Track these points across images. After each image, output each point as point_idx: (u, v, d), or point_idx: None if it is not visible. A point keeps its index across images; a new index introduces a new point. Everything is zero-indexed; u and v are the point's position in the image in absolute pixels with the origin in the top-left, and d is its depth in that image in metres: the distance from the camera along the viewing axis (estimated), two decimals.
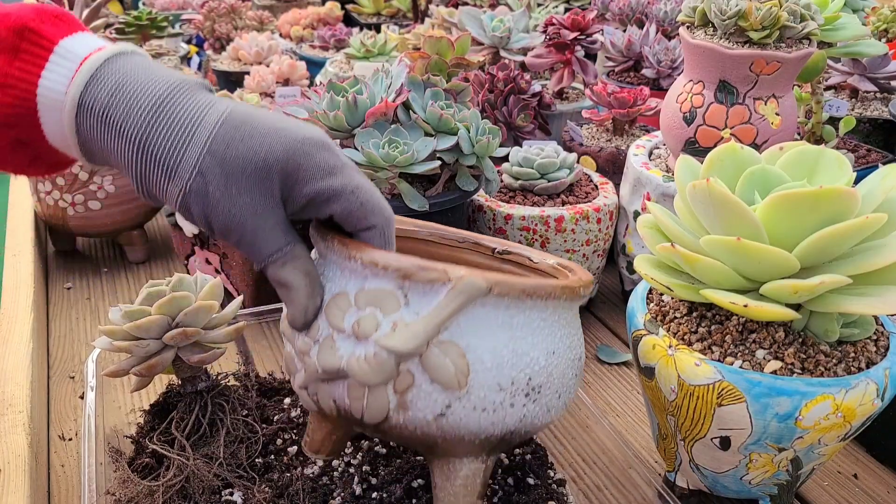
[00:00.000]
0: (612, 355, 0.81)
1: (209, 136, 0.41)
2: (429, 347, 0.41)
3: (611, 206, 0.81)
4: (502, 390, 0.42)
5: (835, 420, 0.49)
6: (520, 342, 0.42)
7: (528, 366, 0.43)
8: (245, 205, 0.41)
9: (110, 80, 0.41)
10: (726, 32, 0.71)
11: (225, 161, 0.41)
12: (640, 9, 1.32)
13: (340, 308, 0.42)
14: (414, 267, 0.41)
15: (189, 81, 0.43)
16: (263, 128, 0.42)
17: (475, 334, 0.41)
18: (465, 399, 0.41)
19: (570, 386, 0.46)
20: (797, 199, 0.47)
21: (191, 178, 0.41)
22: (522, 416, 0.43)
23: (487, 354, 0.41)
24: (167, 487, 0.52)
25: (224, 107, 0.42)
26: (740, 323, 0.52)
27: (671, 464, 0.59)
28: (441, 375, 0.41)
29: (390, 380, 0.41)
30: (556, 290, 0.43)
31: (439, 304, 0.40)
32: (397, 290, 0.41)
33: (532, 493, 0.55)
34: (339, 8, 1.74)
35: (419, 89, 0.74)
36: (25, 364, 0.69)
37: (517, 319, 0.42)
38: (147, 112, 0.41)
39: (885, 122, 1.01)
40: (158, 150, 0.41)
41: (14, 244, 0.92)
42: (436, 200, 0.72)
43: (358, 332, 0.41)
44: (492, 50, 1.08)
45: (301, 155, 0.42)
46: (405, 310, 0.41)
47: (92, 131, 0.42)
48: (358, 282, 0.42)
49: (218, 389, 0.58)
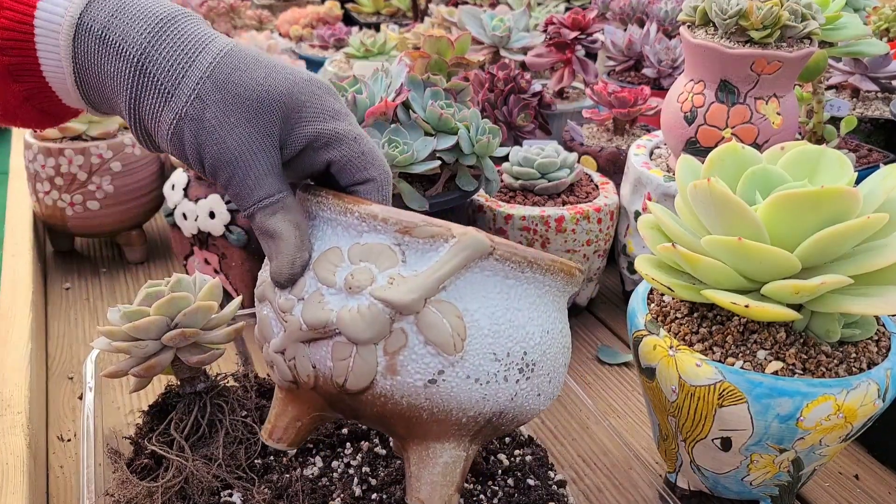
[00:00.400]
0: (612, 356, 0.81)
1: (212, 61, 0.39)
2: (426, 305, 0.39)
3: (611, 206, 0.81)
4: (497, 360, 0.40)
5: (836, 421, 0.48)
6: (517, 314, 0.41)
7: (524, 339, 0.41)
8: (241, 137, 0.40)
9: (112, 1, 0.40)
10: (727, 32, 0.70)
11: (226, 87, 0.39)
12: (640, 8, 1.32)
13: (332, 262, 0.40)
14: (416, 220, 0.39)
15: (193, 13, 0.41)
16: (269, 63, 0.41)
17: (474, 298, 0.40)
18: (458, 366, 0.39)
19: (560, 373, 0.45)
20: (798, 199, 0.47)
21: (188, 102, 0.39)
22: (514, 393, 0.41)
23: (485, 320, 0.40)
24: (166, 488, 0.51)
25: (227, 40, 0.41)
26: (741, 323, 0.52)
27: (672, 465, 0.58)
28: (437, 335, 0.39)
29: (383, 336, 0.39)
30: (554, 265, 0.42)
31: (441, 260, 0.39)
32: (395, 245, 0.40)
33: (532, 494, 0.55)
34: (338, 7, 1.74)
35: (419, 89, 0.74)
36: (24, 365, 0.69)
37: (515, 291, 0.41)
38: (149, 32, 0.39)
39: (886, 122, 1.01)
40: (157, 70, 0.39)
41: (12, 244, 0.92)
42: (436, 200, 0.71)
43: (352, 283, 0.39)
44: (492, 49, 1.07)
45: (306, 94, 0.40)
46: (402, 267, 0.39)
47: (89, 54, 0.40)
48: (352, 237, 0.40)
49: (217, 390, 0.58)
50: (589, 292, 0.86)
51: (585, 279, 0.83)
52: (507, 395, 0.41)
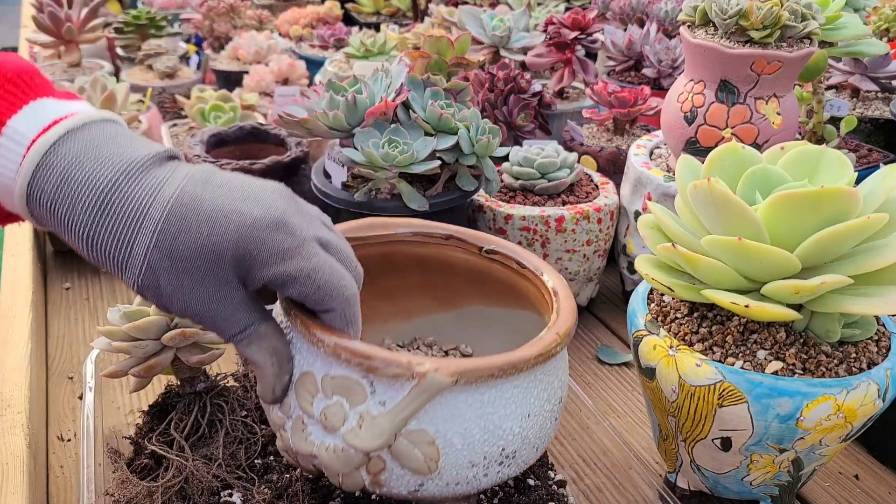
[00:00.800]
0: (612, 356, 0.81)
1: (154, 231, 0.39)
2: (397, 438, 0.41)
3: (611, 206, 0.81)
4: (474, 466, 0.42)
5: (836, 421, 0.48)
6: (491, 417, 0.42)
7: (501, 438, 0.42)
8: (199, 296, 0.40)
9: (57, 169, 0.39)
10: (727, 32, 0.70)
11: (173, 254, 0.39)
12: (640, 8, 1.32)
13: (309, 391, 0.42)
14: (377, 362, 0.40)
15: (140, 160, 0.40)
16: (212, 212, 0.40)
17: (445, 419, 0.41)
18: (437, 478, 0.42)
19: (548, 433, 0.46)
20: (798, 199, 0.47)
21: (140, 273, 0.40)
22: (498, 478, 0.44)
23: (458, 438, 0.41)
24: (166, 488, 0.51)
25: (171, 190, 0.40)
26: (741, 323, 0.52)
27: (672, 465, 0.58)
28: (410, 463, 0.41)
29: (362, 465, 0.41)
30: (528, 363, 0.42)
31: (404, 400, 0.40)
32: (363, 379, 0.41)
33: (532, 494, 0.55)
34: (338, 7, 1.74)
35: (419, 89, 0.74)
36: (24, 364, 0.68)
37: (488, 395, 0.42)
38: (91, 208, 0.39)
39: (886, 122, 1.01)
40: (105, 247, 0.40)
41: (12, 244, 0.92)
42: (436, 200, 0.71)
43: (325, 424, 0.41)
44: (492, 49, 1.07)
45: (251, 241, 0.40)
46: (371, 400, 0.41)
47: (42, 219, 0.41)
48: (324, 365, 0.42)
49: (217, 390, 0.58)
50: (589, 292, 0.86)
51: (586, 279, 0.83)
52: (490, 482, 0.44)
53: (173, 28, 1.65)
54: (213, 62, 1.42)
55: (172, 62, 1.34)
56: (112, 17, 1.72)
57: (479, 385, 0.41)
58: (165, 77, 1.34)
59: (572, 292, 0.83)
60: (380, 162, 0.68)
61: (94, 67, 1.32)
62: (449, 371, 0.39)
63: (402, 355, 0.40)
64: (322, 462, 0.42)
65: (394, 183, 0.71)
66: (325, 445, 0.41)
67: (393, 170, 0.69)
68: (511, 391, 0.42)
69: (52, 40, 1.30)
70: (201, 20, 1.55)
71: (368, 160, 0.68)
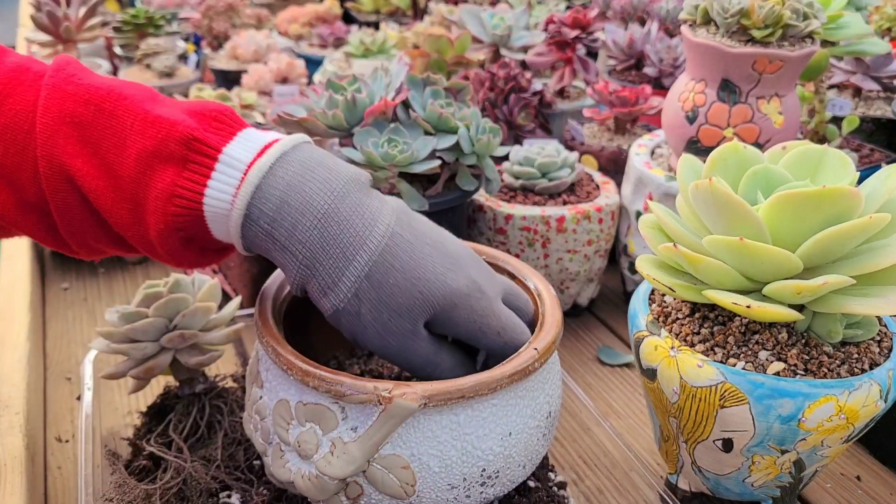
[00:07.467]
0: (613, 357, 0.80)
1: (369, 261, 0.42)
2: (370, 465, 0.41)
3: (612, 206, 0.81)
4: (454, 488, 0.42)
5: (838, 422, 0.48)
6: (469, 438, 0.41)
7: (480, 458, 0.42)
8: (394, 330, 0.43)
9: (275, 194, 0.42)
10: (729, 31, 0.70)
11: (381, 288, 0.42)
12: (641, 7, 1.31)
13: (284, 418, 0.43)
14: (345, 387, 0.40)
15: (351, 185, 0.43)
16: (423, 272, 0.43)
17: (418, 443, 0.41)
18: (416, 502, 0.42)
19: (536, 450, 0.45)
20: (800, 198, 0.46)
21: (346, 298, 0.42)
22: (482, 499, 0.44)
23: (434, 460, 0.41)
24: (164, 490, 0.51)
25: (384, 227, 0.43)
26: (743, 324, 0.52)
27: (673, 466, 0.58)
28: (386, 489, 0.41)
29: (340, 491, 0.42)
30: (502, 382, 0.42)
31: (373, 426, 0.40)
32: (333, 405, 0.41)
33: (532, 495, 0.54)
34: (337, 6, 1.74)
35: (419, 88, 0.74)
36: (22, 365, 0.68)
37: (463, 416, 0.41)
38: (312, 229, 0.42)
39: (888, 122, 1.01)
40: (320, 268, 0.42)
41: (10, 245, 0.92)
42: (436, 200, 0.71)
43: (300, 451, 0.42)
44: (492, 48, 1.07)
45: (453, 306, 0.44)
46: (343, 426, 0.41)
47: (258, 239, 0.43)
48: (298, 392, 0.43)
49: (216, 391, 0.58)
50: (590, 292, 0.86)
51: (587, 279, 0.83)
52: (474, 502, 0.44)
53: (172, 27, 1.65)
54: (211, 61, 1.41)
55: (171, 61, 1.34)
56: (110, 15, 1.71)
57: (453, 406, 0.41)
58: (164, 76, 1.33)
59: (573, 292, 0.83)
60: (379, 161, 0.68)
61: (92, 66, 1.32)
62: (415, 395, 0.39)
63: (368, 381, 0.40)
64: (299, 489, 0.42)
65: (393, 182, 0.71)
66: (300, 473, 0.42)
67: (393, 169, 0.69)
68: (488, 410, 0.42)
69: (50, 39, 1.29)
70: (200, 19, 1.55)
71: (368, 159, 0.68)
